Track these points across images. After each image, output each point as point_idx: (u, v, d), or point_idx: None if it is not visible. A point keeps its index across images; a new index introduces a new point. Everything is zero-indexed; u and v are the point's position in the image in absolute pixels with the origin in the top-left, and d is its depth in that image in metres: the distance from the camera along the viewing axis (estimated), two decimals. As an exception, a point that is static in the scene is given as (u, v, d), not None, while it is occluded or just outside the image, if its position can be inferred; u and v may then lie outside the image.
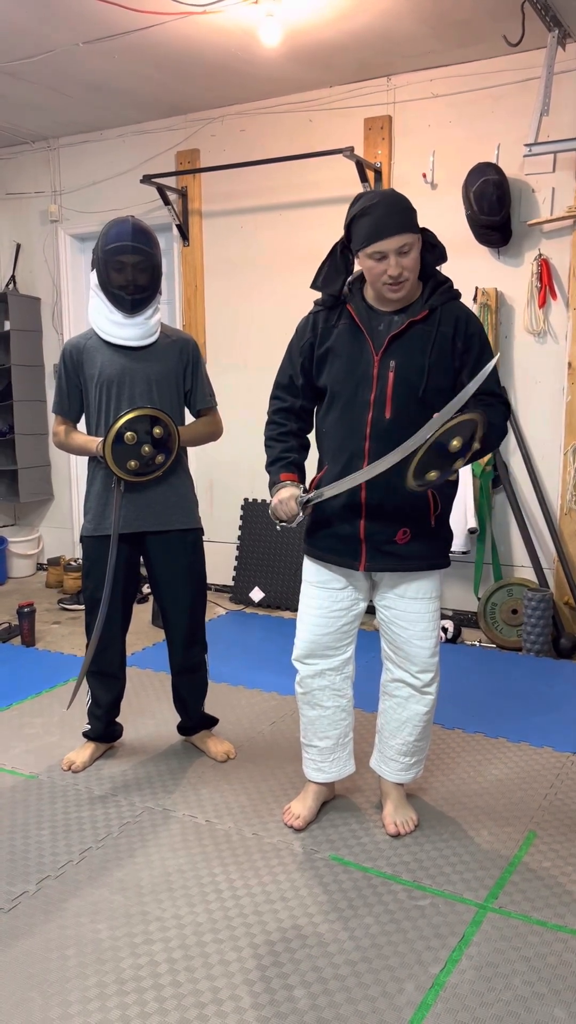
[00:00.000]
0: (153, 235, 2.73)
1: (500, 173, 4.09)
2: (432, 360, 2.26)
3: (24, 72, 4.31)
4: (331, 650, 2.48)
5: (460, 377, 2.30)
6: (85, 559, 2.87)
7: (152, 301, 2.75)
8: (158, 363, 2.79)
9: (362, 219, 2.20)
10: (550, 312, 4.22)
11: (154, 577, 2.89)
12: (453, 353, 2.28)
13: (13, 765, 3.01)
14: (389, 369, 2.26)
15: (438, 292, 2.30)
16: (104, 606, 2.77)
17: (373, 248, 2.18)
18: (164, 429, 2.70)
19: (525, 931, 2.10)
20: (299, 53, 4.10)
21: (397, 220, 2.17)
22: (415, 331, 2.27)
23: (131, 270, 2.66)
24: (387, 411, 2.27)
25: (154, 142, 5.15)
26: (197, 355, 2.89)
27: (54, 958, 2.03)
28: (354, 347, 2.31)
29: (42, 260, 5.71)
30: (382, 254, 2.19)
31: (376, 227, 2.17)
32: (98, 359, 2.75)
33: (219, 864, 2.40)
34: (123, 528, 2.77)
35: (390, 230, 2.16)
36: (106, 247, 2.66)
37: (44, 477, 5.88)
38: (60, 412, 2.85)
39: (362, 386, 2.29)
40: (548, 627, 4.07)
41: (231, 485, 5.23)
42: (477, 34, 3.90)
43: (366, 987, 1.92)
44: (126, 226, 2.67)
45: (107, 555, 2.75)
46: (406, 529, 2.32)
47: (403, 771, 2.56)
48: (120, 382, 2.74)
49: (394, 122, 4.46)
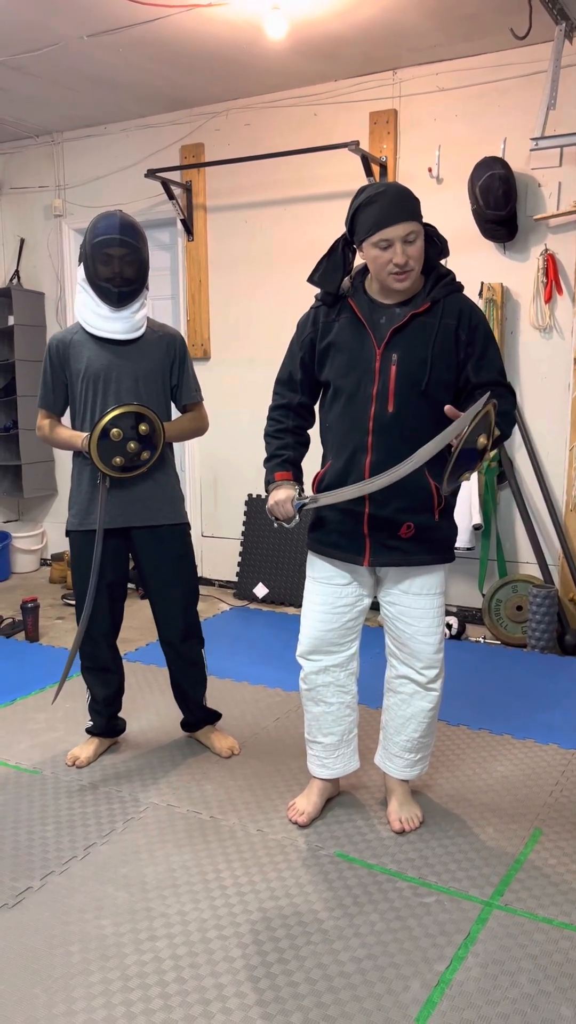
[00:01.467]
0: (141, 229, 2.72)
1: (506, 167, 4.07)
2: (435, 353, 2.25)
3: (28, 66, 4.30)
4: (335, 646, 2.47)
5: (464, 370, 2.29)
6: (72, 554, 2.86)
7: (139, 295, 2.74)
8: (144, 358, 2.78)
9: (368, 208, 2.18)
10: (556, 307, 4.20)
11: (143, 573, 2.88)
12: (456, 345, 2.27)
13: (17, 760, 3.00)
14: (391, 362, 2.25)
15: (440, 284, 2.28)
16: (89, 601, 2.77)
17: (379, 236, 2.17)
18: (150, 425, 2.70)
19: (531, 928, 2.09)
20: (304, 46, 4.08)
21: (403, 208, 2.16)
22: (417, 324, 2.25)
23: (118, 263, 2.65)
24: (390, 405, 2.26)
25: (158, 136, 5.14)
26: (184, 350, 2.89)
27: (58, 954, 2.02)
28: (356, 341, 2.30)
29: (46, 255, 5.70)
30: (388, 242, 2.17)
31: (382, 215, 2.16)
32: (84, 354, 2.74)
33: (223, 860, 2.39)
34: (109, 523, 2.77)
35: (396, 217, 2.15)
36: (93, 240, 2.66)
37: (48, 472, 5.87)
38: (45, 406, 2.84)
39: (364, 380, 2.28)
40: (553, 623, 4.06)
41: (235, 481, 5.22)
42: (483, 27, 3.88)
43: (371, 985, 1.91)
44: (113, 220, 2.66)
45: (93, 549, 2.75)
46: (410, 524, 2.31)
47: (408, 768, 2.55)
48: (106, 377, 2.73)
49: (400, 116, 4.44)
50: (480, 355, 2.28)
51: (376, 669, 2.86)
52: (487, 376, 2.28)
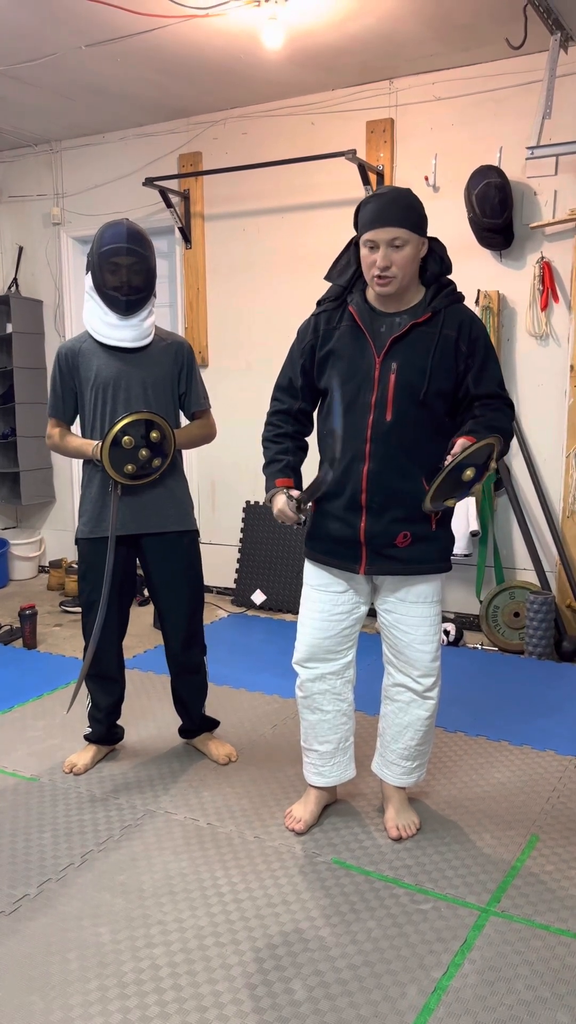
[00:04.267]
0: (147, 237, 2.74)
1: (502, 176, 4.09)
2: (434, 362, 2.25)
3: (26, 75, 4.32)
4: (332, 654, 2.47)
5: (464, 381, 2.29)
6: (81, 561, 2.87)
7: (146, 303, 2.76)
8: (153, 366, 2.80)
9: (365, 207, 2.22)
10: (552, 315, 4.22)
11: (151, 579, 2.89)
12: (456, 356, 2.27)
13: (15, 767, 3.00)
14: (391, 371, 2.26)
15: (441, 295, 2.29)
16: (102, 609, 2.77)
17: (367, 236, 2.19)
18: (160, 433, 2.72)
19: (528, 935, 2.09)
20: (301, 56, 4.10)
21: (395, 213, 2.17)
22: (417, 333, 2.26)
23: (126, 272, 2.67)
24: (388, 413, 2.26)
25: (156, 145, 5.16)
26: (191, 358, 2.90)
27: (55, 961, 2.02)
28: (356, 349, 2.30)
29: (44, 263, 5.72)
30: (374, 243, 2.18)
31: (372, 216, 2.18)
32: (94, 362, 2.76)
33: (221, 867, 2.39)
34: (120, 530, 2.78)
35: (384, 220, 2.16)
36: (101, 249, 2.67)
37: (46, 480, 5.88)
38: (55, 415, 2.85)
39: (363, 388, 2.29)
40: (550, 630, 4.07)
41: (233, 488, 5.23)
42: (479, 37, 3.90)
43: (368, 991, 1.91)
44: (120, 228, 2.68)
45: (104, 557, 2.76)
46: (407, 532, 2.31)
47: (405, 775, 2.55)
48: (116, 385, 2.75)
49: (396, 125, 4.46)
50: (480, 367, 2.28)
51: (374, 676, 2.87)
52: (487, 388, 2.29)
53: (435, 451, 2.28)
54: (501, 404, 2.31)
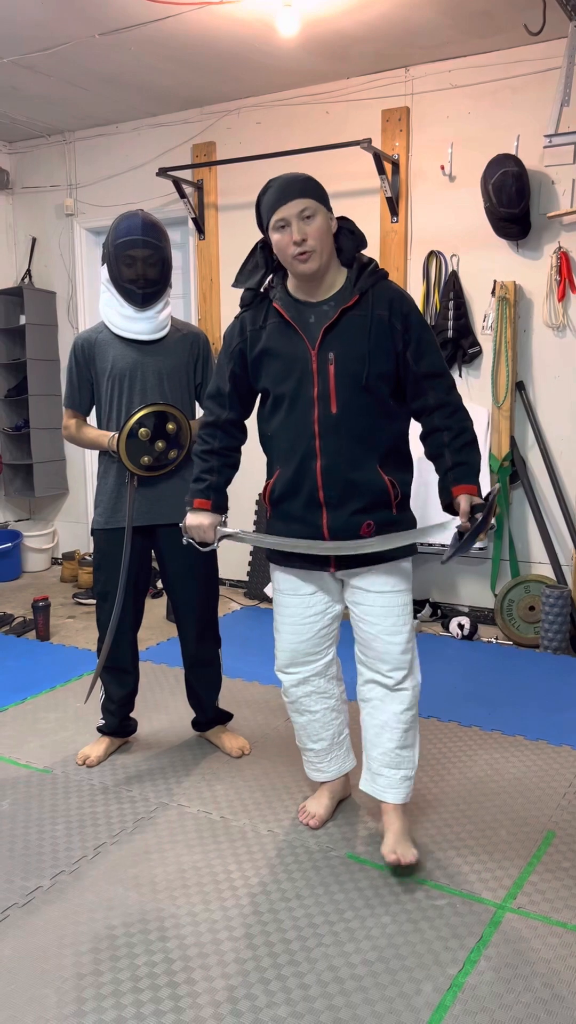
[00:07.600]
0: (163, 229, 2.72)
1: (519, 165, 4.04)
2: (371, 346, 2.18)
3: (39, 65, 4.30)
4: (312, 656, 2.43)
5: (404, 359, 2.21)
6: (96, 552, 2.87)
7: (162, 295, 2.75)
8: (169, 357, 2.79)
9: (264, 196, 2.19)
10: (569, 305, 4.17)
11: (166, 571, 2.89)
12: (392, 336, 2.20)
13: (28, 759, 3.00)
14: (328, 362, 2.19)
15: (365, 274, 2.22)
16: (120, 600, 2.76)
17: (275, 216, 2.15)
18: (177, 424, 2.72)
19: (544, 932, 2.07)
20: (316, 44, 4.07)
21: (296, 187, 2.14)
22: (348, 319, 2.19)
23: (141, 264, 2.66)
24: (332, 406, 2.20)
25: (170, 135, 5.13)
26: (207, 348, 2.89)
27: (68, 954, 2.02)
28: (288, 344, 2.23)
29: (58, 254, 5.71)
30: (284, 221, 2.14)
31: (275, 197, 2.15)
32: (110, 353, 2.75)
33: (234, 861, 2.38)
34: (136, 521, 2.77)
35: (288, 196, 2.13)
36: (116, 241, 2.66)
37: (59, 471, 5.88)
38: (71, 406, 2.85)
39: (303, 383, 2.21)
40: (566, 624, 4.03)
41: (245, 479, 5.13)
42: (497, 24, 3.86)
43: (383, 987, 1.89)
44: (136, 220, 2.66)
45: (119, 548, 2.76)
46: (370, 522, 2.24)
47: (392, 788, 2.36)
48: (132, 376, 2.74)
49: (412, 114, 4.42)
50: (417, 342, 2.20)
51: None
52: (428, 366, 2.21)
53: (385, 436, 2.23)
54: (451, 398, 2.22)
